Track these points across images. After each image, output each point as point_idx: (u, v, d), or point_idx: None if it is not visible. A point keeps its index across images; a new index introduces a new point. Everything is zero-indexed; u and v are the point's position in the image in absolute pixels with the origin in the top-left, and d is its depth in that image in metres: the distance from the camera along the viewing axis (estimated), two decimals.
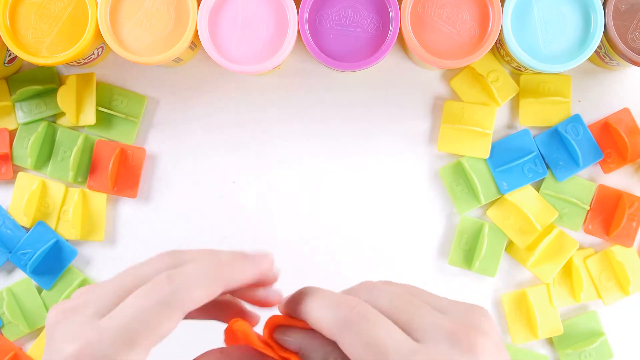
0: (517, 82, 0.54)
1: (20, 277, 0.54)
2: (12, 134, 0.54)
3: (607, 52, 0.50)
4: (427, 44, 0.48)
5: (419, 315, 0.30)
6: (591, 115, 0.54)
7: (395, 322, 0.30)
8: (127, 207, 0.55)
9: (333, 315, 0.30)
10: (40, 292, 0.54)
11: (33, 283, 0.54)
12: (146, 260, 0.32)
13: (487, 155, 0.53)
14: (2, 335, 0.53)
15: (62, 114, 0.54)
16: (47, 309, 0.53)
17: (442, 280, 0.54)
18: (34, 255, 0.52)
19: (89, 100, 0.53)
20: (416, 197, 0.55)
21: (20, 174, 0.54)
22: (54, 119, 0.55)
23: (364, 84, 0.55)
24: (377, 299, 0.31)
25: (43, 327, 0.54)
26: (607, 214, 0.54)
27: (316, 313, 0.31)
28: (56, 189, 0.54)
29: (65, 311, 0.31)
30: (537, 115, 0.54)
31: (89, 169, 0.54)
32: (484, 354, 0.29)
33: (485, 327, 0.30)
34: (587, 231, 0.54)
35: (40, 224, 0.53)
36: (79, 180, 0.54)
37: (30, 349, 0.54)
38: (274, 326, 0.33)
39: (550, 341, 0.54)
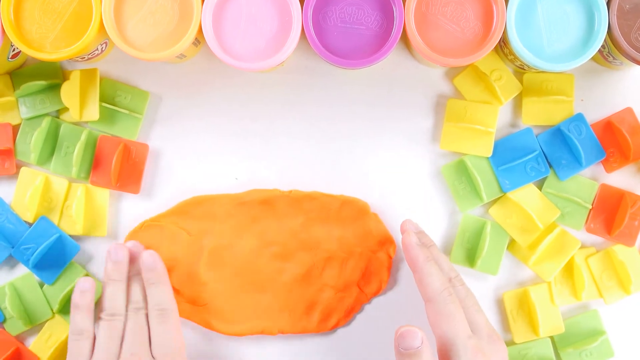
0: (520, 80, 0.54)
1: (22, 273, 0.54)
2: (15, 129, 0.54)
3: (611, 52, 0.50)
4: (430, 42, 0.48)
5: (477, 316, 0.47)
6: (594, 114, 0.54)
7: (464, 309, 0.47)
8: (129, 203, 0.55)
9: (438, 285, 0.46)
10: (42, 286, 0.54)
11: (35, 278, 0.54)
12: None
13: (489, 154, 0.53)
14: (4, 330, 0.53)
15: (66, 109, 0.54)
16: (49, 304, 0.54)
17: None
18: (36, 250, 0.52)
19: (93, 95, 0.53)
20: (418, 195, 0.55)
21: (23, 169, 0.54)
22: (57, 114, 0.55)
23: (367, 82, 0.55)
24: (461, 287, 0.49)
25: (44, 322, 0.54)
26: (609, 213, 0.54)
27: (428, 278, 0.47)
28: (59, 184, 0.54)
29: None
30: (540, 114, 0.54)
31: (92, 164, 0.54)
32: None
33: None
34: (589, 230, 0.54)
35: (43, 219, 0.53)
36: (82, 175, 0.54)
37: (32, 344, 0.54)
38: None
39: (551, 339, 0.54)
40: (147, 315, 0.49)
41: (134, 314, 0.49)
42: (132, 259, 0.51)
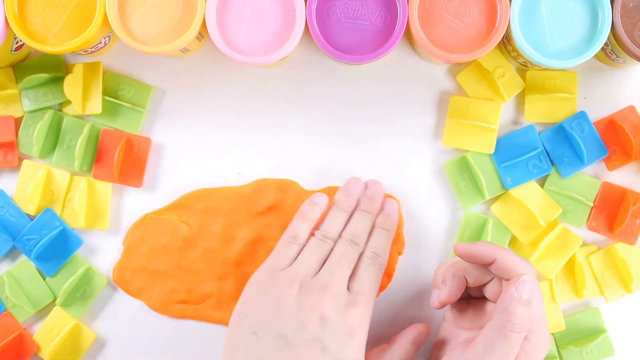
0: (523, 78, 0.54)
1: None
2: (17, 121, 0.54)
3: (614, 49, 0.50)
4: (434, 37, 0.48)
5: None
6: (596, 112, 0.54)
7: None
8: (132, 197, 0.55)
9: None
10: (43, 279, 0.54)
11: (32, 264, 0.54)
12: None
13: (492, 151, 0.53)
14: (11, 314, 0.53)
15: (68, 102, 0.54)
16: (50, 288, 0.54)
17: None
18: (39, 242, 0.52)
19: (96, 89, 0.53)
20: (420, 192, 0.55)
21: (25, 162, 0.54)
22: (59, 107, 0.55)
23: (370, 78, 0.55)
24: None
25: (48, 306, 0.54)
26: (610, 211, 0.54)
27: None
28: (61, 177, 0.54)
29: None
30: (542, 112, 0.54)
31: (95, 157, 0.54)
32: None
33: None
34: (590, 228, 0.54)
35: (48, 211, 0.53)
36: (84, 169, 0.54)
37: (35, 334, 0.53)
38: None
39: (552, 337, 0.54)
40: (360, 255, 0.49)
41: (348, 244, 0.49)
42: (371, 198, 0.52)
